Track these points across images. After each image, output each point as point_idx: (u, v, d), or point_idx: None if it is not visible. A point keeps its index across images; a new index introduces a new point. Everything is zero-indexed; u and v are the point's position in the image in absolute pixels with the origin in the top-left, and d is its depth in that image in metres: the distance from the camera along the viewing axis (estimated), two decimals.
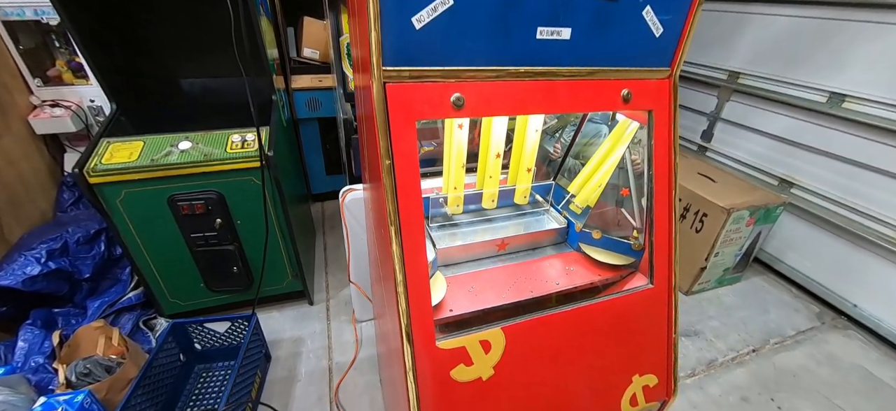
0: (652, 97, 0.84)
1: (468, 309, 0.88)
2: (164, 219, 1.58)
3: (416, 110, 0.68)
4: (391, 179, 0.68)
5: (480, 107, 0.72)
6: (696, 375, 1.76)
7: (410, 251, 0.71)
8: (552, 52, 0.74)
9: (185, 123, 1.63)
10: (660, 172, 0.89)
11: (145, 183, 1.50)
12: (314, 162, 2.70)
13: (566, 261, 1.06)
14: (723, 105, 2.56)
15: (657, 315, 0.94)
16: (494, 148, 1.00)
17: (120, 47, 1.75)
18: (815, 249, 2.19)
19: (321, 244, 2.52)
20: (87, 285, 1.76)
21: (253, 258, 1.76)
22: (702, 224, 2.06)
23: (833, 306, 2.12)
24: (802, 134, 2.17)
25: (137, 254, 1.65)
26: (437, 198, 1.06)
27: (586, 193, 1.11)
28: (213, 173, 1.53)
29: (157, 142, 1.54)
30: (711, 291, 2.25)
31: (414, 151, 0.68)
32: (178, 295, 1.82)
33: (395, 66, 0.66)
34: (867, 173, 1.94)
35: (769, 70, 2.27)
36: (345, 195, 1.52)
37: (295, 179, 2.17)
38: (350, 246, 1.64)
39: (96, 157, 1.48)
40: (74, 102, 2.10)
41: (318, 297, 2.09)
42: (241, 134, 1.59)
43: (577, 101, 0.78)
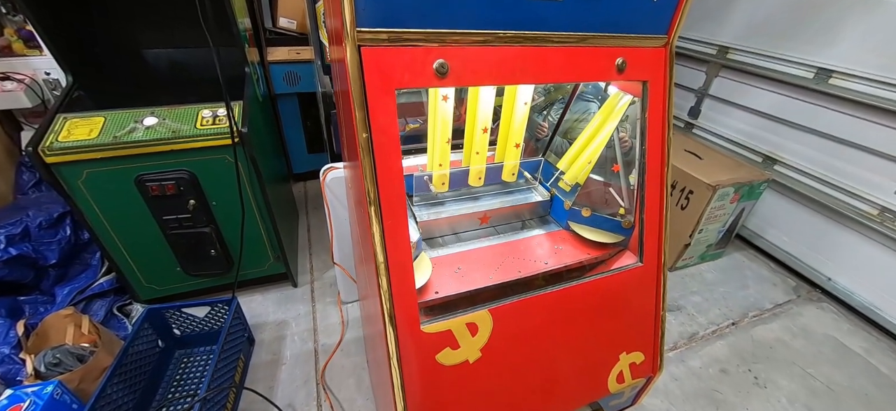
0: (648, 67, 0.80)
1: (454, 291, 0.85)
2: (132, 200, 1.48)
3: (396, 78, 0.62)
4: (369, 154, 0.63)
5: (466, 75, 0.66)
6: (677, 349, 1.80)
7: (392, 231, 0.66)
8: (544, 16, 0.68)
9: (150, 98, 1.52)
10: (653, 148, 0.86)
11: (109, 162, 1.39)
12: (295, 140, 2.59)
13: (555, 240, 1.03)
14: (711, 81, 2.54)
15: (646, 293, 0.93)
16: (481, 122, 0.94)
17: (74, 14, 1.59)
18: (794, 225, 2.24)
19: (304, 225, 2.45)
20: (54, 271, 1.67)
21: (231, 240, 1.69)
22: (687, 201, 2.07)
23: (809, 280, 2.19)
24: (788, 110, 2.18)
25: (106, 238, 1.56)
26: (422, 177, 1.01)
27: (576, 170, 1.08)
28: (183, 151, 1.43)
29: (119, 118, 1.43)
30: (694, 267, 2.30)
31: (393, 123, 0.63)
32: (154, 279, 1.74)
33: (371, 28, 0.59)
34: (849, 150, 1.96)
35: (759, 45, 2.24)
36: (326, 173, 1.46)
37: (273, 158, 2.07)
38: (333, 226, 1.59)
39: (52, 135, 1.36)
40: (28, 75, 1.93)
41: (302, 279, 2.04)
42: (211, 109, 1.49)
43: (570, 69, 0.73)
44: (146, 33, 1.78)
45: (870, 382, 1.70)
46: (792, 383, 1.67)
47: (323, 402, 1.50)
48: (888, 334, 1.90)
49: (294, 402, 1.50)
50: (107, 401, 1.25)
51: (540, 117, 1.25)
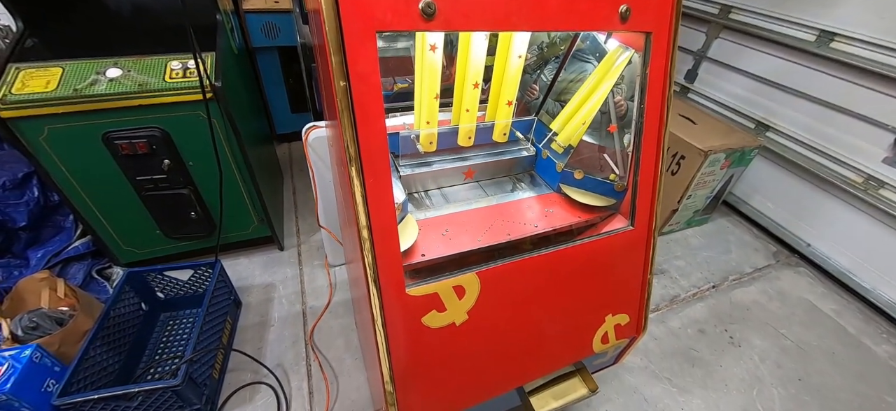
0: (653, 16, 0.74)
1: (441, 254, 0.83)
2: (101, 159, 1.40)
3: (376, 18, 0.55)
4: (348, 107, 0.57)
5: (456, 18, 0.60)
6: (659, 310, 1.85)
7: (375, 192, 0.62)
8: None
9: (112, 47, 1.39)
10: (651, 107, 0.81)
11: (71, 118, 1.29)
12: (277, 99, 2.46)
13: (545, 203, 1.01)
14: (711, 43, 2.46)
15: (635, 256, 0.93)
16: (472, 76, 0.88)
17: None
18: (780, 192, 2.26)
19: (289, 187, 2.38)
20: (25, 234, 1.59)
21: (212, 202, 1.62)
22: (679, 166, 2.06)
23: (789, 246, 2.25)
24: (787, 75, 2.13)
25: (77, 200, 1.48)
26: (409, 136, 0.96)
27: (570, 131, 1.04)
28: (152, 107, 1.33)
29: (78, 69, 1.31)
30: (680, 232, 2.33)
31: (375, 71, 0.57)
32: (133, 243, 1.68)
33: None
34: (841, 117, 1.95)
35: (763, 4, 2.15)
36: (308, 133, 1.38)
37: (253, 117, 1.96)
38: (317, 188, 1.53)
39: (5, 87, 1.25)
40: None
41: (288, 242, 2.00)
42: (181, 60, 1.38)
43: (570, 16, 0.67)
44: None
45: (837, 341, 1.79)
46: (765, 342, 1.75)
47: (312, 362, 1.51)
48: (859, 297, 1.99)
49: (283, 362, 1.51)
50: (91, 363, 1.24)
51: (531, 78, 1.18)
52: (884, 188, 1.84)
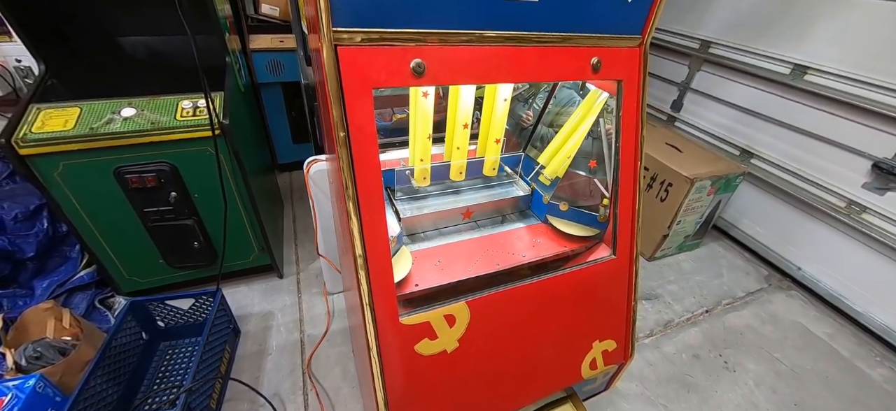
0: (622, 66, 0.82)
1: (434, 284, 0.87)
2: (111, 193, 1.46)
3: (372, 77, 0.63)
4: (347, 151, 0.64)
5: (443, 74, 0.67)
6: (653, 335, 1.87)
7: (370, 226, 0.68)
8: (520, 15, 0.69)
9: (127, 88, 1.48)
10: (626, 144, 0.89)
11: (86, 154, 1.36)
12: (280, 129, 2.56)
13: (534, 233, 1.07)
14: (693, 75, 2.59)
15: (618, 284, 0.97)
16: (462, 118, 0.96)
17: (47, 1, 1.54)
18: (768, 216, 2.33)
19: (290, 215, 2.44)
20: (32, 264, 1.64)
21: (215, 233, 1.68)
22: (667, 193, 2.13)
23: (780, 269, 2.29)
24: (766, 105, 2.24)
25: (85, 231, 1.53)
26: (404, 171, 1.03)
27: (556, 164, 1.11)
28: (162, 143, 1.41)
29: (96, 109, 1.40)
30: (672, 257, 2.38)
31: (371, 121, 0.64)
32: (136, 272, 1.72)
33: (347, 28, 0.60)
34: (820, 145, 2.04)
35: (739, 40, 2.29)
36: (309, 166, 1.45)
37: (257, 149, 2.05)
38: (317, 218, 1.59)
39: (25, 126, 1.33)
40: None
41: (287, 270, 2.04)
42: (192, 99, 1.47)
43: (546, 69, 0.75)
44: (122, 20, 1.73)
45: (831, 365, 1.80)
46: (759, 366, 1.76)
47: (309, 391, 1.52)
48: (851, 320, 2.02)
49: (280, 391, 1.52)
50: (91, 394, 1.26)
51: (525, 106, 1.27)
52: (866, 213, 1.91)
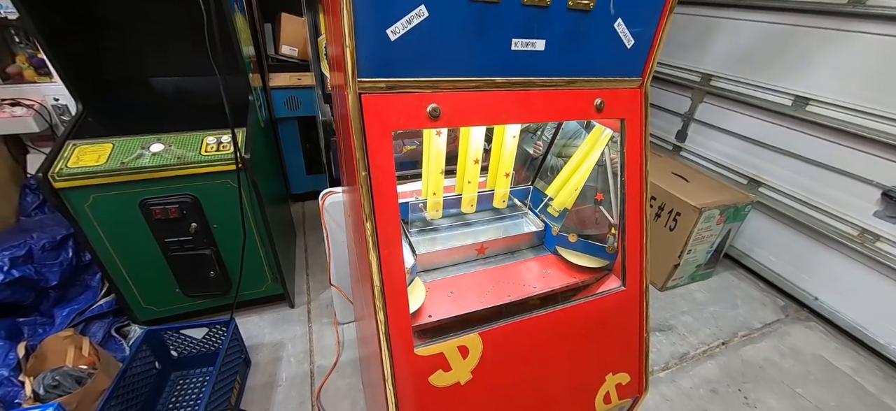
0: (624, 106, 0.87)
1: (447, 315, 0.89)
2: (135, 223, 1.52)
3: (392, 121, 0.68)
4: (368, 190, 0.68)
5: (457, 117, 0.73)
6: (669, 369, 1.83)
7: (388, 260, 0.71)
8: (527, 63, 0.75)
9: (156, 124, 1.58)
10: (631, 178, 0.92)
11: (115, 187, 1.44)
12: (294, 161, 2.66)
13: (543, 264, 1.09)
14: (696, 106, 2.65)
15: (629, 316, 0.98)
16: (472, 154, 1.01)
17: (85, 43, 1.67)
18: (780, 245, 2.30)
19: (302, 245, 2.48)
20: (54, 293, 1.69)
21: (230, 262, 1.72)
22: (675, 222, 2.14)
23: (796, 299, 2.24)
24: (770, 135, 2.27)
25: (108, 260, 1.59)
26: (417, 203, 1.07)
27: (564, 196, 1.14)
28: (187, 177, 1.48)
29: (127, 145, 1.49)
30: (684, 287, 2.34)
31: (390, 161, 0.69)
32: (153, 301, 1.76)
33: (370, 78, 0.66)
34: (828, 173, 2.05)
35: (740, 73, 2.36)
36: (324, 198, 1.51)
37: (273, 180, 2.13)
38: (331, 249, 1.63)
39: (61, 161, 1.42)
40: (37, 101, 2.00)
41: (298, 300, 2.06)
42: (216, 135, 1.55)
43: (552, 110, 0.80)
44: (153, 62, 1.86)
45: (857, 401, 1.73)
46: (781, 403, 1.70)
47: None
48: (875, 353, 1.95)
49: None
50: None
51: (534, 137, 1.32)
52: (880, 241, 1.88)
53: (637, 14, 0.77)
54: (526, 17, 0.70)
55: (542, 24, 0.71)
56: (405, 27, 0.64)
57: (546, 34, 0.73)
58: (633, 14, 0.77)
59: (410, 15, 0.63)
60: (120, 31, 1.74)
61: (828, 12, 1.94)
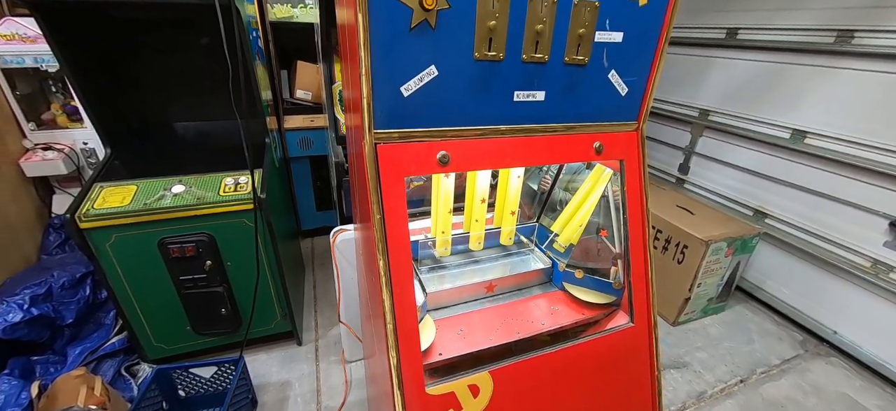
0: (622, 148, 0.92)
1: (457, 353, 0.90)
2: (153, 261, 1.57)
3: (405, 167, 0.73)
4: (382, 232, 0.72)
5: (464, 162, 0.78)
6: (686, 409, 1.76)
7: (400, 300, 0.74)
8: (529, 112, 0.81)
9: (179, 167, 1.67)
10: (633, 216, 0.95)
11: (137, 227, 1.51)
12: (305, 198, 2.74)
13: (551, 301, 1.10)
14: (696, 140, 2.71)
15: (639, 352, 0.98)
16: (479, 194, 1.06)
17: (117, 93, 1.81)
18: (793, 277, 2.27)
19: (310, 281, 2.50)
20: (69, 331, 1.72)
21: (241, 299, 1.75)
22: (683, 255, 2.13)
23: (814, 333, 2.18)
24: (772, 167, 2.30)
25: (123, 298, 1.62)
26: (426, 241, 1.11)
27: (569, 232, 1.17)
28: (205, 216, 1.55)
29: (150, 186, 1.57)
30: (697, 321, 2.30)
31: (403, 205, 0.73)
32: (163, 339, 1.78)
33: (385, 129, 0.72)
34: (833, 204, 2.05)
35: (736, 108, 2.43)
36: (336, 236, 1.55)
37: (285, 218, 2.19)
38: (340, 286, 1.65)
39: (88, 202, 1.49)
40: (67, 145, 2.13)
41: (306, 337, 2.06)
42: (234, 177, 1.63)
43: (554, 153, 0.85)
44: (177, 108, 1.99)
45: None
46: None
47: None
48: None
49: None
50: None
51: (541, 173, 1.36)
52: (893, 272, 1.85)
53: (628, 66, 0.84)
54: (526, 72, 0.76)
55: (541, 77, 0.78)
56: (417, 85, 0.70)
57: (545, 86, 0.79)
58: (625, 66, 0.84)
59: (422, 74, 0.70)
60: (148, 80, 1.88)
61: (815, 51, 2.03)
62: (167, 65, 1.88)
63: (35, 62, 1.98)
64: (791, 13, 2.11)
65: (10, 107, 2.01)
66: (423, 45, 0.68)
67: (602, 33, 0.78)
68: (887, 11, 1.78)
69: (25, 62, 1.96)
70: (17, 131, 2.05)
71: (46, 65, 2.01)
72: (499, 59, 0.73)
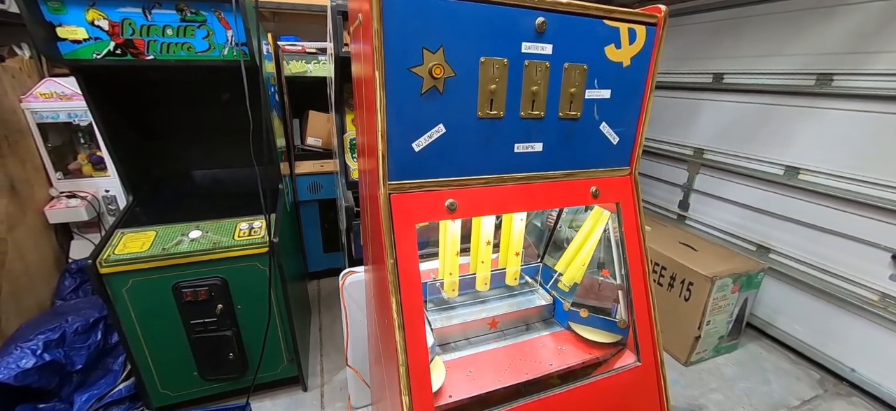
0: (617, 192, 0.98)
1: (467, 395, 0.92)
2: (166, 306, 1.61)
3: (416, 215, 0.80)
4: (395, 275, 0.77)
5: (471, 209, 0.84)
6: None
7: (412, 342, 0.77)
8: (528, 162, 0.88)
9: (196, 213, 1.75)
10: (632, 255, 1.00)
11: (153, 272, 1.56)
12: (312, 240, 2.80)
13: (558, 341, 1.12)
14: (693, 178, 2.78)
15: (648, 392, 0.98)
16: (484, 237, 1.11)
17: (142, 144, 1.93)
18: (803, 312, 2.24)
19: (316, 324, 2.50)
20: (77, 377, 1.72)
21: (250, 343, 1.76)
22: (689, 293, 2.13)
23: (832, 371, 2.12)
24: (770, 203, 2.35)
25: (134, 343, 1.64)
26: (435, 283, 1.15)
27: (573, 271, 1.21)
28: (219, 260, 1.60)
29: (168, 232, 1.63)
30: (710, 361, 2.25)
31: (414, 250, 0.79)
32: (170, 385, 1.77)
33: (398, 181, 0.79)
34: (835, 238, 2.07)
35: (729, 146, 2.52)
36: (345, 278, 1.59)
37: (295, 261, 2.24)
38: (349, 329, 1.67)
39: (110, 248, 1.56)
40: (90, 193, 2.24)
41: (312, 383, 2.03)
42: (248, 221, 1.70)
43: (553, 198, 0.92)
44: (195, 157, 2.11)
45: None
46: None
47: None
48: None
49: None
50: None
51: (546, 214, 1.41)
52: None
53: (618, 118, 0.92)
54: (525, 127, 0.85)
55: (538, 131, 0.86)
56: (427, 141, 0.78)
57: (543, 138, 0.87)
58: (615, 119, 0.92)
59: (431, 131, 0.78)
60: (170, 132, 2.01)
61: (798, 93, 2.14)
62: (189, 117, 2.02)
63: (68, 117, 2.13)
64: (771, 59, 2.25)
65: (42, 158, 2.14)
66: (433, 107, 0.77)
67: (592, 91, 0.87)
68: (863, 56, 1.91)
69: (60, 117, 2.12)
70: (44, 181, 2.16)
71: (78, 119, 2.17)
72: (500, 117, 0.82)
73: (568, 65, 0.83)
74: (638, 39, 0.87)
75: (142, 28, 1.45)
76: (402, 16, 0.70)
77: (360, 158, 1.27)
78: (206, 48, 1.52)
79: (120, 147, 1.78)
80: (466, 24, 0.74)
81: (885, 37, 1.82)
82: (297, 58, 2.41)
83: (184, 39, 1.49)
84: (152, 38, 1.47)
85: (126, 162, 1.83)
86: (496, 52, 0.77)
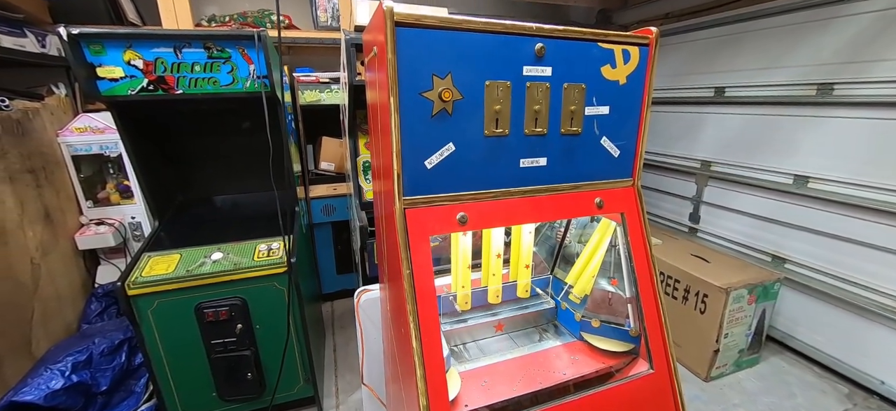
0: (621, 202, 1.02)
1: (482, 404, 0.94)
2: (189, 326, 1.67)
3: (429, 228, 0.85)
4: (411, 287, 0.82)
5: (481, 221, 0.89)
6: None
7: (429, 353, 0.81)
8: (534, 175, 0.94)
9: (218, 236, 1.83)
10: (639, 264, 1.03)
11: (178, 292, 1.62)
12: (326, 262, 2.86)
13: (571, 351, 1.13)
14: (702, 190, 2.79)
15: (662, 399, 0.99)
16: (495, 249, 1.15)
17: (167, 172, 2.05)
18: (825, 323, 2.18)
19: (330, 344, 2.52)
20: (101, 398, 1.77)
21: (268, 363, 1.80)
22: (705, 305, 2.11)
23: (860, 384, 2.04)
24: (781, 212, 2.34)
25: (157, 364, 1.69)
26: (448, 297, 1.18)
27: (583, 283, 1.23)
28: (239, 280, 1.66)
29: (192, 255, 1.71)
30: (731, 375, 2.19)
31: (429, 261, 0.83)
32: (189, 406, 1.80)
33: (412, 196, 0.85)
34: (850, 245, 2.05)
35: (735, 158, 2.54)
36: (360, 296, 1.63)
37: (310, 282, 2.29)
38: (364, 347, 1.69)
39: (137, 271, 1.64)
40: (117, 219, 2.35)
41: (327, 403, 2.04)
42: (267, 243, 1.77)
43: (559, 210, 0.96)
44: (217, 183, 2.22)
45: None
46: None
47: None
48: None
49: None
50: None
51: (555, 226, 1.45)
52: None
53: (618, 132, 0.98)
54: (530, 143, 0.90)
55: (542, 146, 0.92)
56: (438, 158, 0.84)
57: (546, 153, 0.92)
58: (615, 133, 0.97)
59: (442, 150, 0.84)
60: (194, 160, 2.13)
61: (800, 103, 2.17)
62: (210, 146, 2.14)
63: (100, 149, 2.28)
64: (770, 71, 2.29)
65: (74, 188, 2.27)
66: (443, 128, 0.83)
67: (591, 108, 0.93)
68: (862, 65, 1.94)
69: (92, 149, 2.26)
70: (75, 209, 2.29)
71: (108, 151, 2.31)
72: (505, 135, 0.87)
73: (567, 85, 0.89)
74: (632, 59, 0.93)
75: (173, 66, 1.57)
76: (413, 47, 0.77)
77: (375, 180, 1.34)
78: (230, 82, 1.63)
79: (148, 175, 1.90)
80: (472, 52, 0.81)
81: (881, 46, 1.85)
82: (312, 87, 2.54)
83: (210, 75, 1.62)
84: (182, 75, 1.59)
85: (153, 189, 1.94)
86: (500, 75, 0.84)
